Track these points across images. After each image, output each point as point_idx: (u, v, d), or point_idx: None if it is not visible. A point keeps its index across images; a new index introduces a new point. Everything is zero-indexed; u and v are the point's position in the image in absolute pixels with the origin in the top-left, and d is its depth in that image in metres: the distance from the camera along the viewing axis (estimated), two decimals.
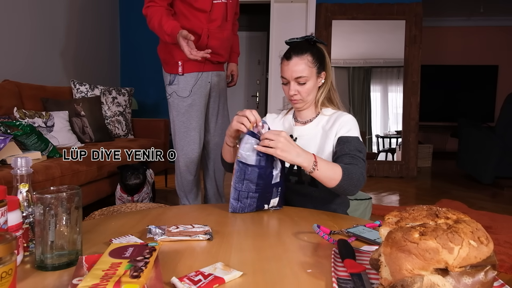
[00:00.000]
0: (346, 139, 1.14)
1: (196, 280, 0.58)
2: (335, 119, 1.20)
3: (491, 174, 3.71)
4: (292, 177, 1.21)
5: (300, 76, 1.18)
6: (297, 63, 1.18)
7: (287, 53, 1.22)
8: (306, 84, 1.19)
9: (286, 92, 1.24)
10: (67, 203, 0.64)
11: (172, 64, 1.85)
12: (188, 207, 1.17)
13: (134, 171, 2.22)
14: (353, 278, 0.59)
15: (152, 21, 1.73)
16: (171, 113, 1.92)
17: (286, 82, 1.22)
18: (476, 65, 6.37)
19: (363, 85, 4.45)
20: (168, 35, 1.69)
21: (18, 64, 2.82)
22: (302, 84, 1.19)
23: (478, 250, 0.46)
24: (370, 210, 2.15)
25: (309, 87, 1.20)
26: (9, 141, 1.68)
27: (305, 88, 1.20)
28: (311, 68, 1.19)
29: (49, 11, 3.16)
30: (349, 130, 1.16)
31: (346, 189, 1.02)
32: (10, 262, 0.49)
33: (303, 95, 1.21)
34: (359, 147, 1.12)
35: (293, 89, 1.20)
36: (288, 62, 1.19)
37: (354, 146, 1.12)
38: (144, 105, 4.41)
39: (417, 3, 4.14)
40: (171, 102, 1.89)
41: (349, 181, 1.02)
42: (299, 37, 1.23)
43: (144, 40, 4.44)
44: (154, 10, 1.73)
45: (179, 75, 1.84)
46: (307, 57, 1.19)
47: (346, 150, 1.11)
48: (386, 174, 4.21)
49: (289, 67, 1.19)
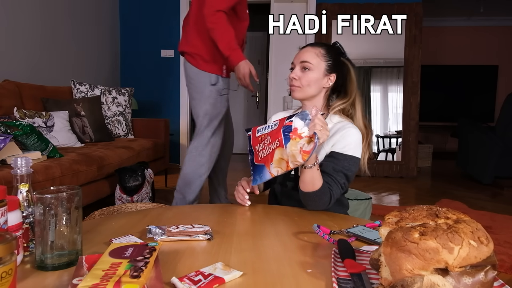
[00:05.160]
0: (337, 155, 1.09)
1: (196, 280, 0.58)
2: (337, 130, 1.13)
3: (491, 174, 3.71)
4: (289, 183, 1.20)
5: (305, 61, 1.16)
6: (308, 50, 1.19)
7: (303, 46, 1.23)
8: (309, 72, 1.16)
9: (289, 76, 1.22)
10: (67, 203, 0.64)
11: (218, 66, 1.98)
12: (188, 207, 1.17)
13: (133, 174, 2.21)
14: (353, 278, 0.59)
15: (222, 35, 1.84)
16: (204, 106, 2.00)
17: (293, 67, 1.20)
18: (476, 65, 6.37)
19: (363, 85, 4.45)
20: (233, 60, 1.86)
21: (18, 64, 2.82)
22: (305, 70, 1.17)
23: (478, 250, 0.46)
24: (370, 210, 2.16)
25: (312, 76, 1.16)
26: (9, 141, 1.68)
27: (307, 76, 1.16)
28: (320, 59, 1.17)
29: (49, 11, 3.16)
30: (345, 146, 1.10)
31: (312, 200, 1.03)
32: (10, 262, 0.49)
33: (302, 82, 1.17)
34: (346, 168, 1.08)
35: (294, 72, 1.18)
36: (301, 50, 1.20)
37: (341, 166, 1.08)
38: (144, 105, 4.41)
39: (417, 3, 4.14)
40: (211, 98, 2.00)
41: (319, 198, 1.02)
42: None
43: (144, 40, 4.45)
44: (225, 25, 1.83)
45: (222, 77, 2.00)
46: (320, 48, 1.18)
47: (330, 169, 1.08)
48: (386, 174, 4.21)
49: (299, 54, 1.19)
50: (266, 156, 0.98)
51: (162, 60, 4.44)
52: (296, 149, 0.91)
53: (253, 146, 1.03)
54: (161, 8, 4.39)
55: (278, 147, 0.94)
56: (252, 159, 1.03)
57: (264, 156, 0.99)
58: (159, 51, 4.43)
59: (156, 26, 4.41)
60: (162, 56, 4.43)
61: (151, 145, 3.02)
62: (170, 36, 4.40)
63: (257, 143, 1.01)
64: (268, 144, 0.97)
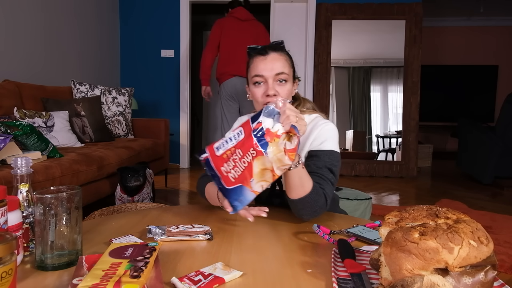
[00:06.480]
0: (316, 154, 1.00)
1: (196, 280, 0.58)
2: (311, 129, 1.04)
3: (491, 174, 3.71)
4: (275, 199, 1.08)
5: (281, 72, 1.01)
6: (276, 58, 1.02)
7: (260, 50, 1.04)
8: (286, 84, 1.02)
9: (259, 94, 1.03)
10: (67, 203, 0.64)
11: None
12: (188, 207, 1.17)
13: (135, 174, 2.21)
14: (353, 278, 0.59)
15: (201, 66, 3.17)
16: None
17: (262, 80, 1.02)
18: (476, 65, 6.37)
19: (363, 85, 4.45)
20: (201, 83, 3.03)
21: (18, 64, 2.82)
22: (283, 83, 1.02)
23: (478, 250, 0.46)
24: (370, 210, 2.16)
25: (289, 88, 1.04)
26: (9, 141, 1.68)
27: (286, 88, 1.02)
28: (290, 69, 1.05)
29: (49, 11, 3.16)
30: (322, 142, 1.01)
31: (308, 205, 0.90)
32: (10, 262, 0.49)
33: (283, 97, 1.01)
34: (329, 163, 0.99)
35: (272, 88, 1.00)
36: (265, 57, 1.02)
37: (323, 162, 0.98)
38: (144, 105, 4.41)
39: (417, 3, 4.14)
40: None
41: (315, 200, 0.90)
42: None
43: (144, 40, 4.45)
44: (203, 60, 3.25)
45: None
46: (285, 56, 1.05)
47: (313, 167, 0.97)
48: (386, 174, 4.21)
49: (267, 62, 1.01)
50: (241, 174, 0.80)
51: (162, 60, 4.44)
52: (279, 151, 0.77)
53: (217, 168, 0.84)
54: (161, 8, 4.40)
55: (256, 157, 0.78)
56: (220, 185, 0.84)
57: (239, 174, 0.80)
58: (159, 51, 4.43)
59: (156, 26, 4.42)
60: (162, 56, 4.43)
61: (151, 145, 3.02)
62: (170, 36, 4.40)
63: (223, 163, 0.82)
64: (240, 159, 0.80)
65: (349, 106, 4.48)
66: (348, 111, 4.49)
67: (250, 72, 1.05)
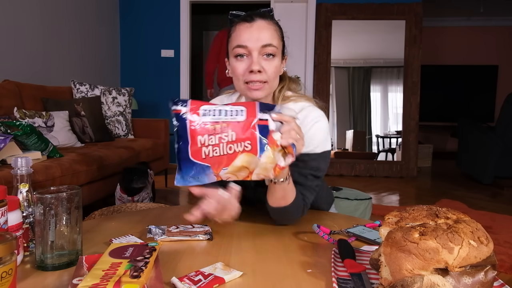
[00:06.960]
0: (302, 157, 0.88)
1: (196, 280, 0.58)
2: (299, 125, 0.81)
3: (491, 174, 3.71)
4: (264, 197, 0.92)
5: (269, 44, 0.84)
6: (264, 26, 0.84)
7: (245, 16, 0.87)
8: (274, 59, 0.85)
9: (240, 70, 0.85)
10: (67, 203, 0.64)
11: None
12: (188, 207, 1.17)
13: (141, 176, 2.20)
14: (353, 278, 0.59)
15: None
16: None
17: (245, 53, 0.85)
18: (476, 65, 6.37)
19: (363, 85, 4.45)
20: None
21: (18, 64, 2.82)
22: (270, 58, 0.85)
23: (478, 250, 0.46)
24: (370, 210, 2.15)
25: (277, 65, 0.87)
26: (9, 141, 1.68)
27: (273, 65, 0.85)
28: (279, 41, 0.87)
29: (49, 11, 3.16)
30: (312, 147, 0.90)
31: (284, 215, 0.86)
32: (10, 262, 0.49)
33: (269, 75, 0.85)
34: (315, 168, 0.89)
35: (257, 62, 0.83)
36: (251, 24, 0.84)
37: (308, 168, 0.89)
38: (144, 105, 4.41)
39: (417, 3, 4.14)
40: None
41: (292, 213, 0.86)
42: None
43: (144, 40, 4.45)
44: None
45: None
46: (274, 25, 0.87)
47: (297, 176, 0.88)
48: (386, 174, 4.21)
49: (252, 31, 0.83)
50: (219, 157, 0.68)
51: (162, 60, 4.44)
52: (272, 162, 0.69)
53: (191, 133, 0.69)
54: (161, 8, 4.40)
55: (247, 152, 0.68)
56: (184, 151, 0.69)
57: (216, 156, 0.68)
58: (159, 51, 4.43)
59: (156, 26, 4.42)
60: (162, 56, 4.43)
61: (151, 145, 3.02)
62: (170, 36, 4.40)
63: (204, 133, 0.68)
64: (227, 142, 0.68)
65: (349, 106, 4.48)
66: (348, 111, 4.49)
67: (231, 42, 0.87)
